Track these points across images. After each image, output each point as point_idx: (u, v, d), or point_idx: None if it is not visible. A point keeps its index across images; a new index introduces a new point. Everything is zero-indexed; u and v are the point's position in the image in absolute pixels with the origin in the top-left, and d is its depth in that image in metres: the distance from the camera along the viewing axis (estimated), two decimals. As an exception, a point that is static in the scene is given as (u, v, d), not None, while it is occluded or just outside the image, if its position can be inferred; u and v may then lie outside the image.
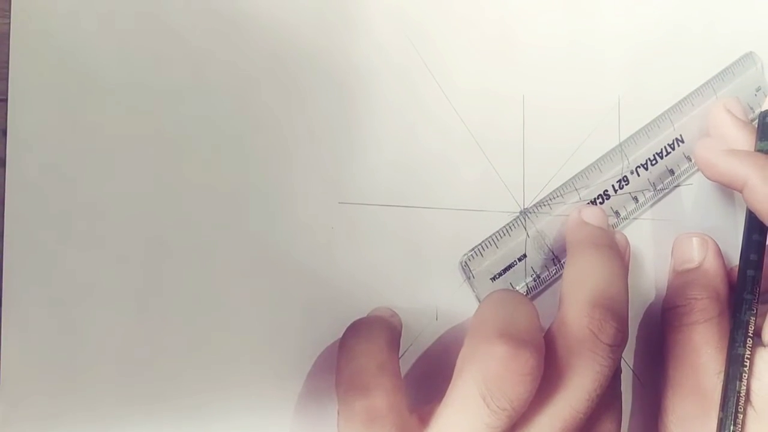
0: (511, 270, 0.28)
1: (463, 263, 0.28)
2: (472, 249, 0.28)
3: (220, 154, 0.25)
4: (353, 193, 0.27)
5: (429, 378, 0.27)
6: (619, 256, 0.27)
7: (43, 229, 0.24)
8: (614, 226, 0.30)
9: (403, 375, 0.27)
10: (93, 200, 0.24)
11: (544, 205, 0.29)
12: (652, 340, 0.31)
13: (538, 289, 0.29)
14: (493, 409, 0.22)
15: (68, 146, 0.24)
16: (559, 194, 0.29)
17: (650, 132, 0.30)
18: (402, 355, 0.27)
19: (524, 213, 0.28)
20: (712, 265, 0.29)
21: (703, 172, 0.30)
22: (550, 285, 0.29)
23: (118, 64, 0.25)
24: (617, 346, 0.24)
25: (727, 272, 0.30)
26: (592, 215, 0.28)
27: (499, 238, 0.28)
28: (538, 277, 0.28)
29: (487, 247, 0.28)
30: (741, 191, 0.28)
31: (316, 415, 0.26)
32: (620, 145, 0.30)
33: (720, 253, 0.30)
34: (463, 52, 0.28)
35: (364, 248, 0.27)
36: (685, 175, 0.31)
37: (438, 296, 0.28)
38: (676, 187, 0.31)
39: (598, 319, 0.24)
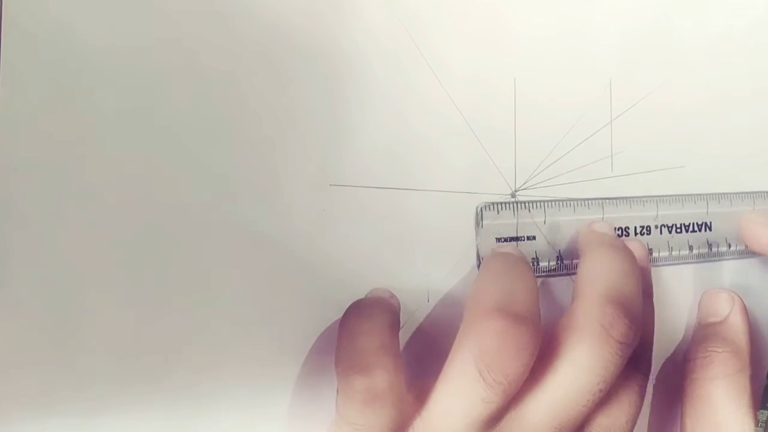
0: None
1: (480, 209, 0.28)
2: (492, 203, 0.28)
3: (211, 137, 0.25)
4: (345, 176, 0.27)
5: (420, 357, 0.27)
6: (633, 257, 0.27)
7: (34, 211, 0.24)
8: None
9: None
10: (84, 184, 0.24)
11: (536, 188, 0.29)
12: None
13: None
14: (490, 383, 0.22)
15: (59, 131, 0.24)
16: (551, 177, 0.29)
17: (686, 201, 0.31)
18: (394, 337, 0.27)
19: (515, 196, 0.28)
20: (736, 320, 0.30)
21: (747, 244, 0.31)
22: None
23: (109, 47, 0.24)
24: (628, 344, 0.24)
25: (751, 330, 0.30)
26: (602, 227, 0.29)
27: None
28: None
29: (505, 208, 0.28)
30: None
31: (314, 397, 0.26)
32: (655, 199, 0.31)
33: (746, 311, 0.30)
34: (455, 34, 0.28)
35: (356, 230, 0.27)
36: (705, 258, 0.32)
37: (429, 279, 0.28)
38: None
39: (611, 315, 0.24)
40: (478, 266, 0.28)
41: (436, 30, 0.28)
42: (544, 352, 0.24)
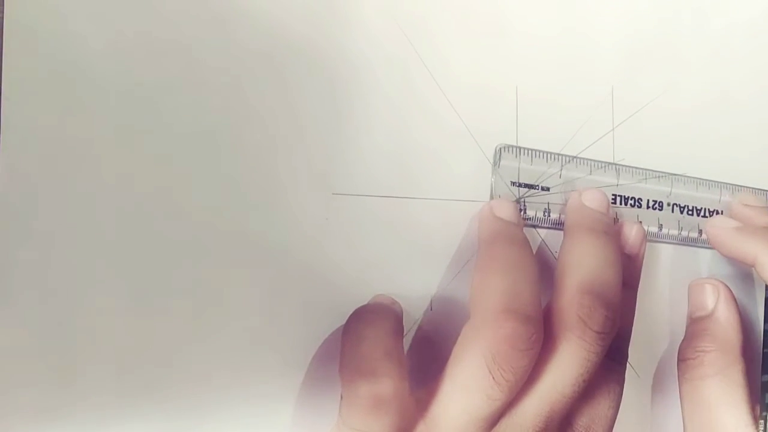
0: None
1: (499, 149, 0.28)
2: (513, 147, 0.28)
3: (213, 145, 0.25)
4: (348, 185, 0.27)
5: (423, 364, 0.27)
6: (614, 245, 0.27)
7: (37, 219, 0.24)
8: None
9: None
10: (87, 193, 0.24)
11: (540, 195, 0.29)
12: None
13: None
14: (498, 381, 0.23)
15: (62, 139, 0.24)
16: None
17: (699, 185, 0.31)
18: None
19: (520, 202, 0.28)
20: (723, 312, 0.30)
21: (715, 248, 0.31)
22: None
23: (110, 56, 0.25)
24: (606, 333, 0.24)
25: (740, 319, 0.30)
26: (593, 199, 0.28)
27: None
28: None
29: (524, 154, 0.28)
30: (753, 267, 0.28)
31: (317, 404, 0.26)
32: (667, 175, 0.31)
33: (733, 300, 0.30)
34: (457, 42, 0.28)
35: (359, 239, 0.27)
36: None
37: (432, 287, 0.28)
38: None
39: (588, 306, 0.24)
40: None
41: (438, 38, 0.28)
42: None
